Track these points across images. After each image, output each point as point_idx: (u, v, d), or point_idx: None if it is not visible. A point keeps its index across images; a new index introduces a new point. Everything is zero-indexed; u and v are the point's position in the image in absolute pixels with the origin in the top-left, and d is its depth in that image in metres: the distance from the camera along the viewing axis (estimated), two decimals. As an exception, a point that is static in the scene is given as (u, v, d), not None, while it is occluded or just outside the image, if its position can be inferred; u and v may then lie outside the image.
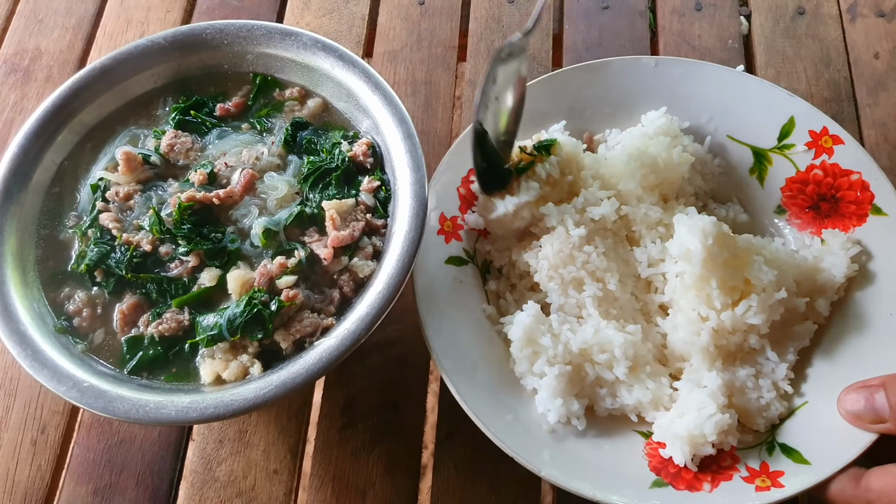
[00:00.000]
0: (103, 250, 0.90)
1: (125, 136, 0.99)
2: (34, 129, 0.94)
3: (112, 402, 0.79)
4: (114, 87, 0.98)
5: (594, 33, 1.29)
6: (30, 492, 0.96)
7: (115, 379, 0.83)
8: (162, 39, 0.99)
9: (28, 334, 0.83)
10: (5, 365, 1.04)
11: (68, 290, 0.90)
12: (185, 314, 0.87)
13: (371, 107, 0.94)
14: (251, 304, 0.84)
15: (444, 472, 0.96)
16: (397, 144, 0.91)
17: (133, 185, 0.94)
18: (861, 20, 1.28)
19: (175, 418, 0.78)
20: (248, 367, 0.84)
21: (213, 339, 0.84)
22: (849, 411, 0.84)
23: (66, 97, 0.96)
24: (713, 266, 0.88)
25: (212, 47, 1.00)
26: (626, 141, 1.03)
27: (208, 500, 0.96)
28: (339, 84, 0.97)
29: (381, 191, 0.93)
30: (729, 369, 0.91)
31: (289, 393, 0.78)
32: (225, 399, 0.78)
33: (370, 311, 0.81)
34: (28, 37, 1.31)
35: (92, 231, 0.92)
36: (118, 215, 0.93)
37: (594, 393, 0.92)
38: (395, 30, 1.30)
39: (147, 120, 1.00)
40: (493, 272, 1.02)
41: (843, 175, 1.00)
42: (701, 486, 0.84)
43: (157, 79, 1.01)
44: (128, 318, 0.88)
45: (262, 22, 0.99)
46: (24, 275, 0.89)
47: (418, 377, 1.02)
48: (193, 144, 0.97)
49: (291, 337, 0.84)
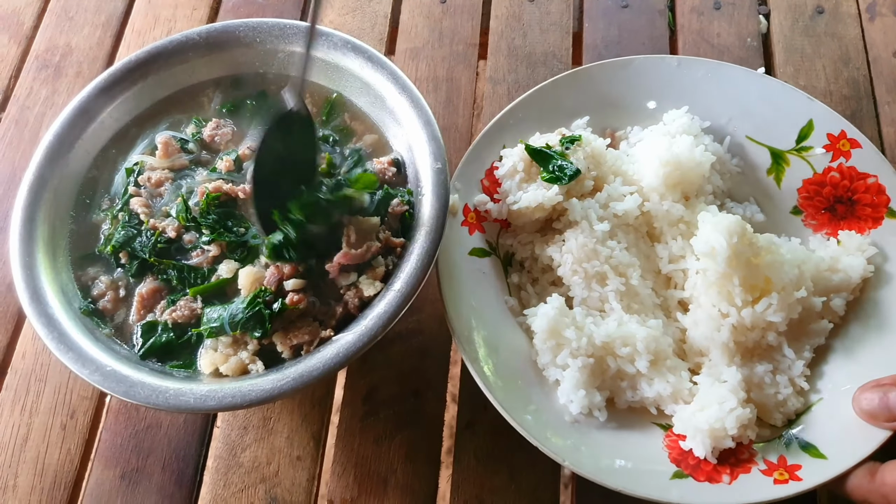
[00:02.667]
0: (130, 233, 0.92)
1: (166, 122, 1.01)
2: (70, 118, 0.96)
3: (133, 386, 0.80)
4: (147, 78, 1.00)
5: (613, 31, 1.30)
6: (59, 474, 0.99)
7: (135, 364, 0.85)
8: (196, 35, 1.01)
9: (55, 317, 0.85)
10: (36, 351, 1.06)
11: (94, 271, 0.92)
12: (198, 303, 0.89)
13: (397, 108, 0.96)
14: (255, 301, 0.85)
15: (465, 460, 0.97)
16: (422, 145, 0.92)
17: (165, 172, 0.96)
18: (880, 19, 1.29)
19: (193, 406, 0.79)
20: (246, 364, 0.85)
21: (215, 331, 0.85)
22: (863, 410, 0.85)
23: (101, 89, 0.98)
24: (736, 264, 0.89)
25: (244, 45, 1.02)
26: (649, 139, 1.04)
27: (232, 486, 0.98)
28: (367, 85, 0.98)
29: (406, 214, 0.92)
30: (747, 365, 0.92)
31: (305, 386, 0.79)
32: (243, 389, 0.79)
33: (388, 309, 0.82)
34: (59, 34, 1.34)
35: (122, 214, 0.94)
36: (148, 200, 0.95)
37: (615, 385, 0.93)
38: (417, 27, 1.32)
39: (190, 111, 1.03)
40: (515, 265, 1.03)
41: (860, 178, 1.01)
42: (720, 479, 0.85)
43: (195, 74, 1.03)
44: (146, 301, 0.90)
45: (293, 21, 1.01)
46: (54, 259, 0.90)
47: (439, 367, 1.03)
48: (233, 135, 0.99)
49: (289, 342, 0.85)
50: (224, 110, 1.02)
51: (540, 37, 1.30)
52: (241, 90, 1.04)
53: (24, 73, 1.30)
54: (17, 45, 1.33)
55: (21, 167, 1.20)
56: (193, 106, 1.03)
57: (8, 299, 1.10)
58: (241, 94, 1.04)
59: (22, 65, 1.31)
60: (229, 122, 1.01)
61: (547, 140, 1.02)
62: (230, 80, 1.04)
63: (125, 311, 0.90)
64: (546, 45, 1.29)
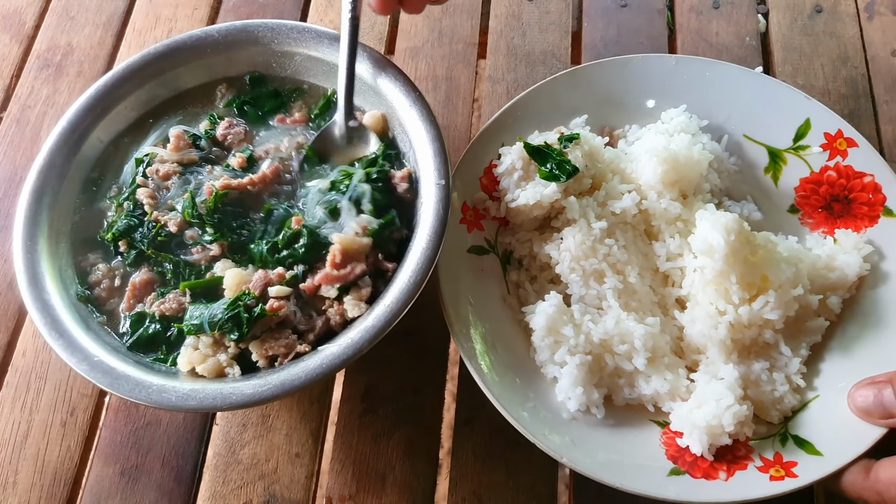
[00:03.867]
0: (132, 223, 0.93)
1: (180, 115, 1.02)
2: (84, 106, 0.97)
3: (117, 379, 0.81)
4: (164, 74, 1.01)
5: (612, 31, 1.30)
6: (59, 471, 0.99)
7: (123, 355, 0.85)
8: (216, 32, 1.01)
9: (51, 303, 0.86)
10: (36, 349, 1.07)
11: (93, 257, 0.93)
12: (186, 298, 0.89)
13: (406, 120, 0.95)
14: (235, 304, 0.85)
15: (463, 457, 0.98)
16: (427, 160, 0.92)
17: (174, 166, 0.97)
18: (879, 18, 1.29)
19: (174, 404, 0.79)
20: (223, 367, 0.84)
21: (195, 328, 0.85)
22: (858, 407, 0.86)
23: (117, 80, 0.99)
24: (734, 262, 0.89)
25: (262, 44, 1.02)
26: (647, 137, 1.05)
27: (232, 482, 0.98)
28: (380, 94, 0.99)
29: (404, 240, 0.91)
30: (744, 362, 0.92)
31: (286, 394, 0.79)
32: (224, 391, 0.79)
33: (375, 324, 0.82)
34: (60, 33, 1.34)
35: (127, 203, 0.95)
36: (154, 192, 0.95)
37: (613, 383, 0.93)
38: (417, 27, 1.32)
39: (202, 105, 1.04)
40: (514, 263, 1.04)
41: (857, 177, 1.01)
42: (717, 475, 0.85)
43: (209, 71, 1.03)
44: (137, 291, 0.90)
45: (313, 25, 1.02)
46: (56, 244, 0.91)
47: (437, 364, 1.04)
48: (246, 134, 1.00)
49: (264, 352, 0.84)
50: (234, 107, 1.03)
51: (539, 36, 1.30)
52: (253, 89, 1.04)
53: (26, 72, 1.30)
54: (18, 44, 1.34)
55: (22, 166, 1.21)
56: (205, 101, 1.04)
57: (9, 297, 1.11)
58: (252, 92, 1.04)
59: (23, 64, 1.31)
60: (241, 121, 1.02)
61: (545, 138, 1.02)
62: (243, 78, 1.04)
63: (119, 300, 0.91)
64: (545, 44, 1.29)
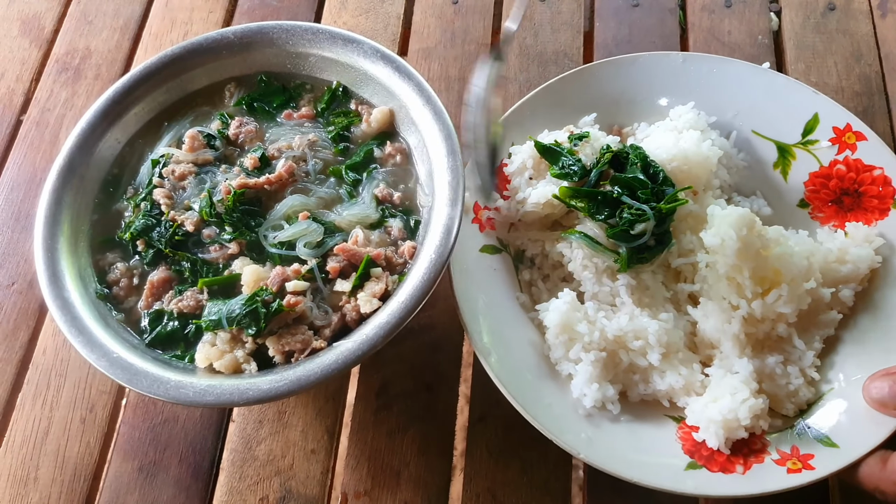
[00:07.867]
0: (149, 223, 0.94)
1: (192, 114, 1.04)
2: (103, 108, 0.98)
3: (136, 375, 0.82)
4: (180, 76, 1.02)
5: (624, 30, 1.31)
6: (79, 467, 1.01)
7: (141, 352, 0.86)
8: (231, 34, 1.03)
9: (70, 301, 0.87)
10: (56, 347, 1.09)
11: (112, 256, 0.94)
12: (204, 295, 0.90)
13: (419, 119, 0.96)
14: (253, 299, 0.86)
15: (477, 454, 0.98)
16: (440, 159, 0.93)
17: (189, 166, 0.98)
18: (892, 16, 1.29)
19: (192, 399, 0.80)
20: (241, 363, 0.85)
21: (213, 324, 0.86)
22: (874, 398, 0.85)
23: (134, 81, 1.00)
24: (746, 256, 0.89)
25: (277, 46, 1.03)
26: (656, 134, 1.05)
27: (248, 478, 0.99)
28: (392, 94, 0.99)
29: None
30: (758, 356, 0.92)
31: (302, 389, 0.80)
32: (241, 387, 0.80)
33: (390, 320, 0.82)
34: (78, 37, 1.37)
35: (144, 203, 0.96)
36: (170, 192, 0.97)
37: (628, 379, 0.94)
38: (430, 28, 1.33)
39: (213, 104, 1.05)
40: (526, 261, 1.04)
41: (866, 170, 1.01)
42: (734, 469, 0.85)
43: (225, 71, 1.05)
44: (155, 290, 0.91)
45: (327, 27, 1.03)
46: (75, 243, 0.93)
47: (451, 361, 1.04)
48: (257, 131, 1.01)
49: (281, 347, 0.85)
50: (243, 105, 1.04)
51: (551, 36, 1.31)
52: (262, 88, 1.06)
53: (45, 76, 1.33)
54: (38, 48, 1.36)
55: (42, 168, 1.23)
56: (215, 101, 1.05)
57: (30, 296, 1.13)
58: (260, 89, 1.05)
59: (42, 68, 1.34)
60: (251, 119, 1.03)
61: (556, 137, 1.03)
62: (250, 75, 1.06)
63: (137, 298, 0.92)
64: (557, 44, 1.30)
